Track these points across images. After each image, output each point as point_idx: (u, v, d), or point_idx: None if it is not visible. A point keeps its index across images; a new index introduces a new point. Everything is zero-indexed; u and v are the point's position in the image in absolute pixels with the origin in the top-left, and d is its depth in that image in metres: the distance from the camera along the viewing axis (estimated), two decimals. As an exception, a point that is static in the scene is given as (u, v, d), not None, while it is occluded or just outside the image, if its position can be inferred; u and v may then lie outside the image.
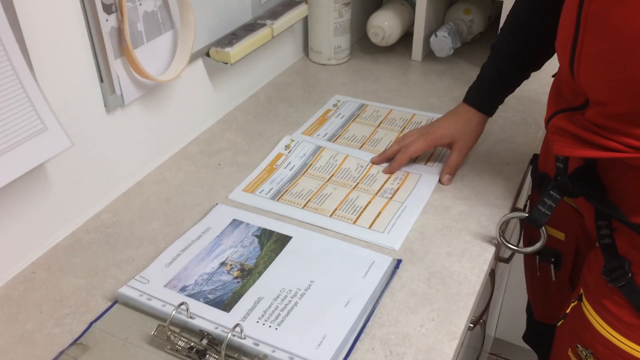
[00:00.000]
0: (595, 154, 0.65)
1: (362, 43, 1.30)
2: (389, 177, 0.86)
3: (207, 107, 0.99)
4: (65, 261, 0.72)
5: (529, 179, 0.88)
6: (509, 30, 0.84)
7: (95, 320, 0.64)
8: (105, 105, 0.77)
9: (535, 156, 0.86)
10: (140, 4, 0.78)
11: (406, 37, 1.26)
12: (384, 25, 1.19)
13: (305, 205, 0.80)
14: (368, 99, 1.08)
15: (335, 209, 0.79)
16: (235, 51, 0.94)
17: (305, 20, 1.19)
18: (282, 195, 0.82)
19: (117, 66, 0.76)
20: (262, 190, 0.84)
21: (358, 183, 0.85)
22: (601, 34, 0.59)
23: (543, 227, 0.73)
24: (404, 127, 0.98)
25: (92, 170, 0.78)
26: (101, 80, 0.76)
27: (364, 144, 0.94)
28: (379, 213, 0.79)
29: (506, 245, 0.74)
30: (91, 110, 0.76)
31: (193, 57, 0.91)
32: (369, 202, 0.81)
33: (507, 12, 1.06)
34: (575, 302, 0.73)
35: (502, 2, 1.10)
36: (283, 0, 1.11)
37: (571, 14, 0.62)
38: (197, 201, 0.82)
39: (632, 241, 0.65)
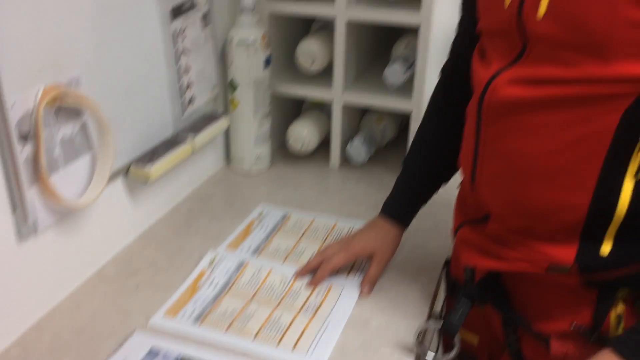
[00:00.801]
0: (497, 266, 0.70)
1: (282, 151, 1.34)
2: (313, 291, 0.87)
3: (125, 225, 0.97)
4: (-37, 410, 0.66)
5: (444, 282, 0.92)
6: (418, 147, 0.91)
7: None
8: (16, 235, 0.75)
9: (447, 261, 0.91)
10: (59, 129, 0.78)
11: (324, 145, 1.31)
12: (303, 134, 1.24)
13: (229, 327, 0.79)
14: (290, 206, 1.10)
15: (260, 329, 0.79)
16: (155, 168, 0.95)
17: (226, 130, 1.23)
18: (205, 317, 0.81)
19: (32, 193, 0.74)
20: (185, 313, 0.82)
21: (282, 299, 0.85)
22: (496, 157, 0.66)
23: (457, 334, 0.75)
24: (327, 237, 1.01)
25: (0, 303, 0.74)
26: (13, 209, 0.73)
27: (287, 256, 0.96)
28: (303, 332, 0.79)
29: (423, 356, 0.76)
30: (1, 240, 0.73)
31: (113, 176, 0.90)
32: (293, 320, 0.81)
33: (416, 119, 1.15)
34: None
35: (412, 110, 1.18)
36: (204, 114, 1.14)
37: (470, 138, 0.69)
38: (113, 330, 0.78)
39: (535, 348, 0.69)
